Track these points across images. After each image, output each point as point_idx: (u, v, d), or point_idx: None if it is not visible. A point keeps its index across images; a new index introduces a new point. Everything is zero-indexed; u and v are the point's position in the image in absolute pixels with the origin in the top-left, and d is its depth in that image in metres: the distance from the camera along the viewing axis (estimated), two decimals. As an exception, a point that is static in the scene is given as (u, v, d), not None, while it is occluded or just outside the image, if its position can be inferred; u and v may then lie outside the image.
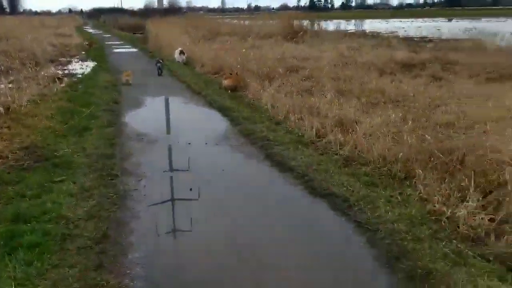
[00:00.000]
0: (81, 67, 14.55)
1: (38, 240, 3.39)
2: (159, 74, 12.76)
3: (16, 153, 5.50)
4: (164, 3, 47.05)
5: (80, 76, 12.39)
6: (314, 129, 6.42)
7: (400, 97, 8.30)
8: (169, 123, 7.64)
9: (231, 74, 10.70)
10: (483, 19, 48.52)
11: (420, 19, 57.80)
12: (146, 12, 45.63)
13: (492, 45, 14.98)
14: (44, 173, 4.81)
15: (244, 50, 14.14)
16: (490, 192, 4.03)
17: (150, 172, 5.08)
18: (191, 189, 4.60)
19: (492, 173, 4.26)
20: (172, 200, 4.46)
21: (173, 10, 46.98)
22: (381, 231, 3.61)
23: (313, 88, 9.29)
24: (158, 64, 12.93)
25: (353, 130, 6.23)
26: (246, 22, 26.82)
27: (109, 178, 4.76)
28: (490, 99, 7.84)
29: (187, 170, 5.26)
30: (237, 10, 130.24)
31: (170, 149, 6.07)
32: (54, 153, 5.49)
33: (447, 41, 18.06)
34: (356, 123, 6.54)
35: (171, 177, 5.05)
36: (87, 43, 22.33)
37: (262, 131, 6.57)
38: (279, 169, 5.15)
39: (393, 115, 6.84)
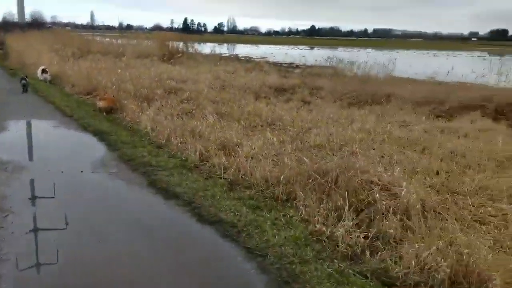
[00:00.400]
0: None
1: None
2: (24, 91, 11.75)
3: None
4: (26, 16, 42.92)
5: None
6: (197, 153, 6.41)
7: (276, 120, 8.74)
8: (38, 149, 6.95)
9: (105, 94, 10.19)
10: (340, 48, 53.87)
11: (287, 46, 62.02)
12: (5, 26, 41.22)
13: (350, 73, 16.66)
14: None
15: (119, 70, 13.59)
16: (362, 210, 4.43)
17: (17, 205, 4.55)
18: (66, 223, 4.23)
19: (362, 193, 4.71)
20: (35, 230, 4.05)
21: (37, 25, 43.21)
22: (270, 255, 3.71)
23: (193, 111, 9.30)
24: (23, 81, 11.98)
25: (235, 153, 6.38)
26: (119, 41, 25.86)
27: (-33, 217, 4.14)
28: (353, 122, 8.72)
29: (56, 199, 4.82)
30: (108, 28, 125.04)
31: (40, 179, 5.50)
32: None
33: (312, 67, 19.60)
34: (238, 146, 6.72)
35: (40, 208, 4.57)
36: None
37: (144, 156, 6.35)
38: (164, 196, 5.01)
39: (272, 138, 7.19)
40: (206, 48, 33.08)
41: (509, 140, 6.80)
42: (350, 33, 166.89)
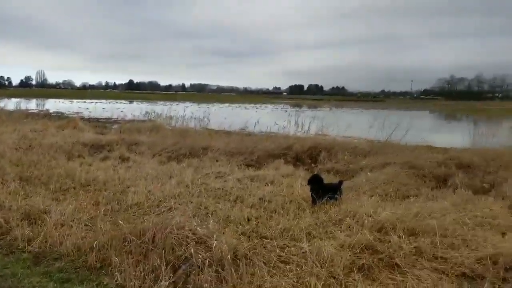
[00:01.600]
0: None
1: None
2: None
3: None
4: None
5: None
6: (-5, 227, 5.64)
7: (90, 181, 8.32)
8: None
9: None
10: (159, 102, 54.76)
11: (104, 100, 60.24)
12: None
13: (169, 126, 17.05)
14: None
15: None
16: (179, 267, 4.48)
17: None
18: None
19: (180, 248, 4.77)
20: None
21: None
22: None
23: (-10, 177, 8.22)
24: None
25: (42, 222, 5.83)
26: None
27: None
28: (172, 177, 8.85)
29: None
30: None
31: None
32: None
33: (131, 122, 19.41)
34: (46, 213, 6.16)
35: None
36: None
37: None
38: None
39: (86, 201, 6.80)
40: (11, 104, 29.95)
41: (305, 183, 7.75)
42: (169, 87, 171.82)
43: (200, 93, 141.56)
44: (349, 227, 5.70)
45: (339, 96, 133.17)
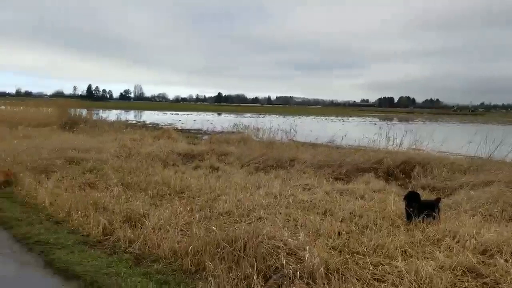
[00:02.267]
0: None
1: None
2: None
3: None
4: None
5: None
6: (100, 227, 6.11)
7: (184, 189, 8.71)
8: None
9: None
10: (246, 115, 56.04)
11: (195, 112, 63.10)
12: None
13: (256, 138, 17.35)
14: None
15: (16, 141, 12.76)
16: (270, 276, 4.50)
17: None
18: None
19: (270, 258, 4.79)
20: None
21: None
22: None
23: (97, 182, 8.95)
24: None
25: (142, 225, 6.21)
26: (16, 109, 24.41)
27: None
28: (260, 187, 8.97)
29: None
30: (4, 95, 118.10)
31: None
32: None
33: (220, 134, 20.06)
34: (145, 217, 6.55)
35: None
36: None
37: (40, 234, 5.91)
38: (63, 277, 4.65)
39: (181, 207, 7.12)
40: (112, 115, 32.48)
41: (398, 199, 7.41)
42: (255, 100, 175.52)
43: (285, 105, 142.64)
44: (449, 247, 5.34)
45: (433, 109, 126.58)
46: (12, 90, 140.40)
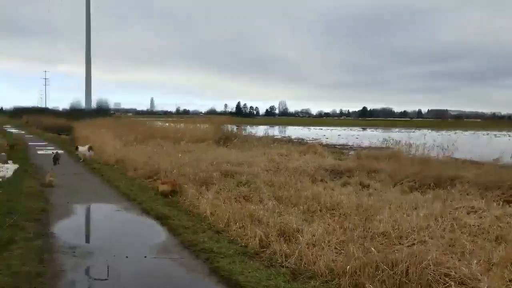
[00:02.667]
0: (1, 170, 13.56)
1: None
2: (55, 164, 14.47)
3: None
4: (92, 103, 46.71)
5: (0, 180, 11.50)
6: (257, 239, 6.33)
7: (335, 205, 8.58)
8: (103, 233, 7.16)
9: (167, 178, 10.58)
10: (394, 130, 53.51)
11: (339, 127, 62.63)
12: (72, 113, 45.00)
13: (408, 154, 16.34)
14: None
15: (180, 155, 14.14)
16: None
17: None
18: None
19: (437, 286, 4.38)
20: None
21: (102, 111, 46.95)
22: None
23: (251, 195, 9.36)
24: (55, 156, 14.96)
25: (296, 240, 6.25)
26: (179, 126, 27.09)
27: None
28: (417, 208, 8.37)
29: (120, 284, 4.83)
30: (166, 113, 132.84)
31: (106, 264, 5.56)
32: (-29, 273, 4.84)
33: (367, 149, 19.43)
34: (298, 232, 6.59)
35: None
36: (7, 145, 20.75)
37: (205, 242, 6.35)
38: (227, 285, 4.90)
39: (332, 225, 7.01)
40: (259, 130, 33.99)
41: None
42: (404, 114, 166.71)
43: (438, 119, 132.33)
44: None
45: None
46: (173, 109, 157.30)
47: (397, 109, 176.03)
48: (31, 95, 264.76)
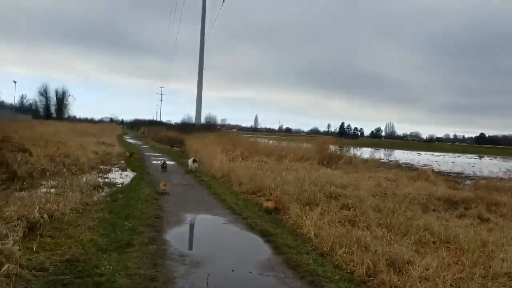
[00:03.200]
0: (121, 177, 14.87)
1: None
2: (163, 171, 17.10)
3: (57, 265, 5.34)
4: (201, 119, 49.32)
5: (120, 185, 12.58)
6: (364, 267, 6.05)
7: (450, 238, 7.93)
8: (211, 244, 7.39)
9: (271, 196, 10.69)
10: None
11: (451, 154, 58.37)
12: (183, 127, 48.02)
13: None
14: (85, 293, 4.56)
15: (284, 173, 14.23)
16: None
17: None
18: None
19: None
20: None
21: (209, 126, 49.46)
22: None
23: (356, 219, 9.04)
24: (163, 164, 17.74)
25: (407, 272, 5.86)
26: (282, 144, 27.37)
27: (153, 306, 4.44)
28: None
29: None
30: (269, 131, 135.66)
31: (213, 275, 5.70)
32: (95, 269, 5.28)
33: (487, 180, 17.72)
34: (409, 263, 6.18)
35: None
36: (128, 153, 23.12)
37: (309, 264, 6.22)
38: (333, 312, 4.73)
39: (447, 259, 6.46)
40: (364, 152, 33.01)
41: None
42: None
43: None
44: None
45: None
46: (275, 126, 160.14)
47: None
48: (147, 108, 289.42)
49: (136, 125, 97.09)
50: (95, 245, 6.28)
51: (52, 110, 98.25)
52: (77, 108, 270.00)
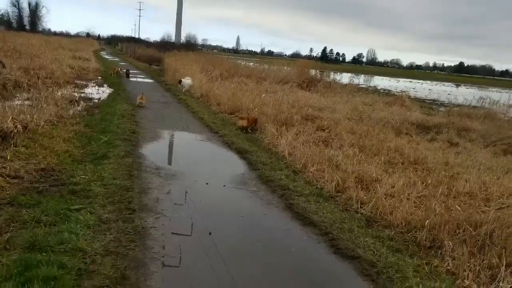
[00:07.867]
0: (97, 92, 14.62)
1: (54, 273, 3.21)
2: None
3: (32, 174, 5.39)
4: (181, 38, 47.78)
5: (97, 101, 12.41)
6: (334, 183, 6.31)
7: (418, 160, 8.23)
8: (186, 159, 7.52)
9: (247, 115, 10.77)
10: (491, 89, 49.31)
11: (429, 82, 58.85)
12: (163, 45, 46.47)
13: (504, 116, 15.08)
14: (60, 200, 4.67)
15: (263, 95, 14.21)
16: (524, 274, 3.87)
17: (169, 210, 4.92)
18: (210, 233, 4.44)
19: (525, 253, 4.12)
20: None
21: (189, 46, 47.95)
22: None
23: (330, 140, 9.25)
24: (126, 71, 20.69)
25: (374, 189, 6.14)
26: (263, 66, 27.00)
27: (128, 212, 4.60)
28: (509, 171, 7.80)
29: (199, 208, 5.09)
30: (251, 53, 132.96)
31: (188, 187, 5.88)
32: (71, 179, 5.36)
33: (460, 107, 18.13)
34: (377, 181, 6.45)
35: (191, 218, 4.85)
36: (112, 71, 22.23)
37: (281, 179, 6.45)
38: (301, 222, 4.99)
39: (414, 179, 6.76)
40: (344, 77, 32.96)
41: None
42: (505, 72, 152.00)
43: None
44: None
45: None
46: (257, 49, 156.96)
47: (498, 67, 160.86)
48: (126, 25, 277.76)
49: (113, 41, 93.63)
50: (71, 156, 6.32)
51: (25, 22, 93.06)
52: (52, 22, 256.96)
